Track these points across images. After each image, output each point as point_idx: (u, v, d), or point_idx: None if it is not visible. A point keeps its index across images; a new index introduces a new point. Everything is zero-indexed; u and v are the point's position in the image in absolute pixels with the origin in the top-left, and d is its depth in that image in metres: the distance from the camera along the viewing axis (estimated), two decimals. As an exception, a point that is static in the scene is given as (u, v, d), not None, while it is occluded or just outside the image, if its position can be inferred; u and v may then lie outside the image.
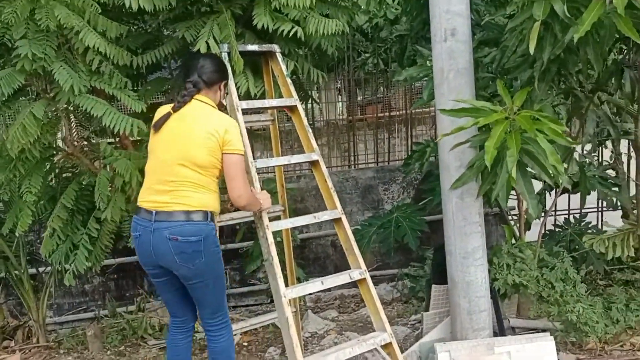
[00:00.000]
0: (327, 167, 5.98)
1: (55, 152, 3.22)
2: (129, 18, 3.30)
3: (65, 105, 2.88)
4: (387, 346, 2.72)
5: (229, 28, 3.01)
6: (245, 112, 2.94)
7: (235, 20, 3.13)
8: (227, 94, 2.77)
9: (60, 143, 3.31)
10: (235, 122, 2.53)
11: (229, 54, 2.93)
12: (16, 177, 3.04)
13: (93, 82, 2.83)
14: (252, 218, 2.99)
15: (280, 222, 2.92)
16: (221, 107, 2.72)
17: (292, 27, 3.02)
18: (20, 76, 2.72)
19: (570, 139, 2.49)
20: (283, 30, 3.04)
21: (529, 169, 2.78)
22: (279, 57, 3.00)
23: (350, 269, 2.99)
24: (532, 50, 2.40)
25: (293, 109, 3.02)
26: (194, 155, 2.38)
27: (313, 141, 2.95)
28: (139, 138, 3.18)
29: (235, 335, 4.07)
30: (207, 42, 2.93)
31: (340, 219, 2.88)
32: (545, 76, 2.84)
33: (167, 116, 2.47)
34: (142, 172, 3.05)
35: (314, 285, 2.78)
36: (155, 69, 3.54)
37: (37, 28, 2.64)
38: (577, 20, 2.25)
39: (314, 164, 2.98)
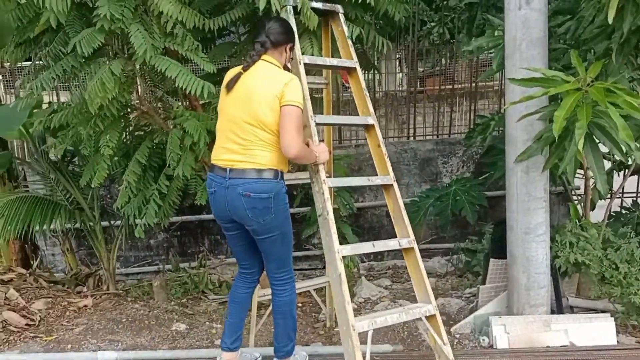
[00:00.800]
0: (384, 138, 6.04)
1: (130, 110, 3.38)
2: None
3: (141, 65, 2.99)
4: (430, 318, 2.71)
5: None
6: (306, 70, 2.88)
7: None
8: (292, 58, 2.75)
9: (135, 102, 3.46)
10: (296, 77, 2.54)
11: (295, 8, 2.87)
12: (95, 133, 3.21)
13: (167, 44, 2.92)
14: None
15: (338, 178, 2.92)
16: (286, 70, 2.71)
17: None
18: (100, 35, 2.82)
19: None
20: None
21: (600, 145, 2.70)
22: (342, 17, 2.96)
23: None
24: (610, 20, 2.30)
25: (352, 71, 2.98)
26: (260, 114, 2.42)
27: (370, 105, 2.93)
28: (208, 100, 3.27)
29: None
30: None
31: (391, 185, 2.86)
32: (623, 48, 2.72)
33: (238, 76, 2.52)
34: (210, 132, 3.16)
35: (366, 246, 2.78)
36: (223, 34, 3.62)
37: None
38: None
39: (368, 128, 2.95)
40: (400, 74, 7.53)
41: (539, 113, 2.77)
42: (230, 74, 2.58)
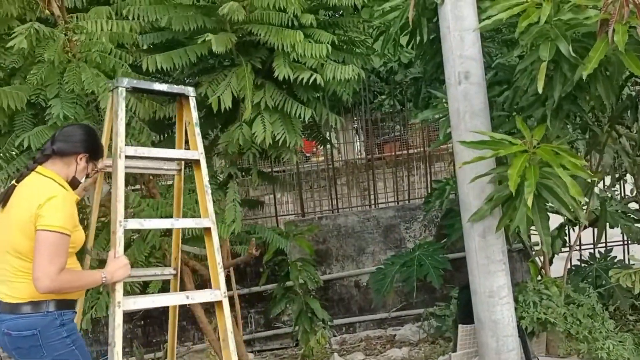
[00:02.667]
0: (347, 207, 6.13)
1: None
2: (156, 73, 3.45)
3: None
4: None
5: (246, 79, 3.14)
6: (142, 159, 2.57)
7: (256, 72, 3.26)
8: (95, 170, 2.51)
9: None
10: (58, 193, 2.19)
11: (125, 90, 2.45)
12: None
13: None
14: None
15: (138, 299, 2.43)
16: (76, 184, 2.43)
17: (311, 75, 3.13)
18: (50, 132, 2.79)
19: (590, 173, 2.51)
20: (302, 79, 3.15)
21: (549, 204, 2.80)
22: (192, 102, 2.66)
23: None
24: (540, 90, 2.46)
25: (195, 163, 2.66)
26: (13, 241, 2.16)
27: (210, 205, 2.61)
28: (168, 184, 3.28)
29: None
30: (219, 97, 3.05)
31: (221, 302, 2.52)
32: (558, 113, 2.90)
33: (10, 190, 2.26)
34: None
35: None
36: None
37: (69, 88, 2.76)
38: (584, 60, 2.32)
39: (206, 231, 2.62)
40: (358, 143, 7.75)
41: (489, 174, 2.87)
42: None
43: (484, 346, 3.13)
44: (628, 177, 4.19)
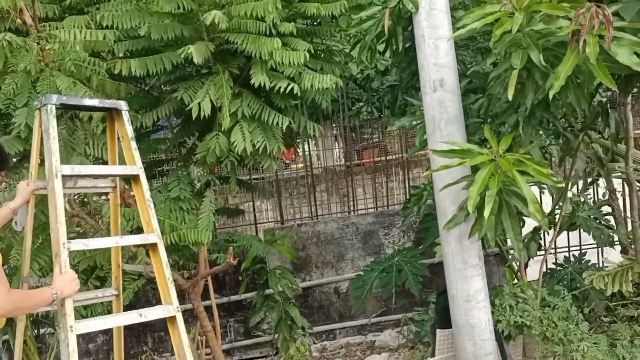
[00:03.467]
0: (327, 214, 6.15)
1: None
2: (132, 81, 3.43)
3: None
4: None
5: (224, 88, 3.13)
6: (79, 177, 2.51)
7: (234, 80, 3.26)
8: (3, 181, 2.42)
9: (66, 206, 3.38)
10: None
11: (54, 107, 2.37)
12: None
13: (95, 151, 2.91)
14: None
15: (90, 322, 2.30)
16: None
17: (289, 84, 3.14)
18: (20, 144, 2.78)
19: (555, 180, 2.56)
20: (280, 88, 3.16)
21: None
22: (125, 116, 2.57)
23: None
24: (510, 97, 2.50)
25: (134, 178, 2.59)
26: None
27: (154, 220, 2.53)
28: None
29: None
30: (199, 103, 3.04)
31: (174, 317, 2.46)
32: (530, 120, 2.95)
33: None
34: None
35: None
36: (158, 128, 3.67)
37: (37, 97, 2.71)
38: (555, 70, 2.37)
39: (151, 247, 2.56)
40: (337, 149, 7.78)
41: (458, 183, 2.91)
42: None
43: (462, 350, 3.16)
44: (601, 181, 4.28)
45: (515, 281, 3.71)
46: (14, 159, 2.84)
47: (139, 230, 3.20)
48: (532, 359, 3.55)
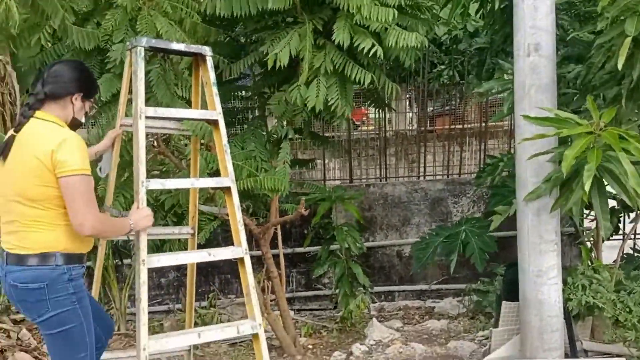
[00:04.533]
0: (394, 177, 6.10)
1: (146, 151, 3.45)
2: (222, 28, 3.46)
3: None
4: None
5: (307, 39, 3.12)
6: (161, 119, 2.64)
7: (320, 33, 3.24)
8: (92, 107, 2.44)
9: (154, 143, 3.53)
10: (71, 136, 2.11)
11: (149, 50, 2.51)
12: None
13: (183, 92, 2.99)
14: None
15: (162, 257, 2.41)
16: (77, 124, 2.32)
17: (373, 46, 3.06)
18: (119, 81, 2.85)
19: None
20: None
21: (609, 189, 2.71)
22: (209, 62, 2.60)
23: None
24: (620, 67, 2.36)
25: (214, 123, 2.64)
26: (23, 188, 2.06)
27: (229, 165, 2.59)
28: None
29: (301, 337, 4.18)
30: (276, 54, 3.04)
31: (242, 259, 2.53)
32: (633, 94, 2.77)
33: (11, 140, 2.15)
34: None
35: (186, 338, 2.43)
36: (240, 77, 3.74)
37: (135, 35, 2.81)
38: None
39: (225, 190, 2.62)
40: (410, 114, 7.64)
41: (549, 154, 2.80)
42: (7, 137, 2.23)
43: (527, 325, 3.11)
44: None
45: (590, 262, 3.56)
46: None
47: (217, 173, 3.31)
48: (601, 342, 3.44)
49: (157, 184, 2.46)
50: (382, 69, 3.75)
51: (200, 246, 3.18)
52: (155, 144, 3.28)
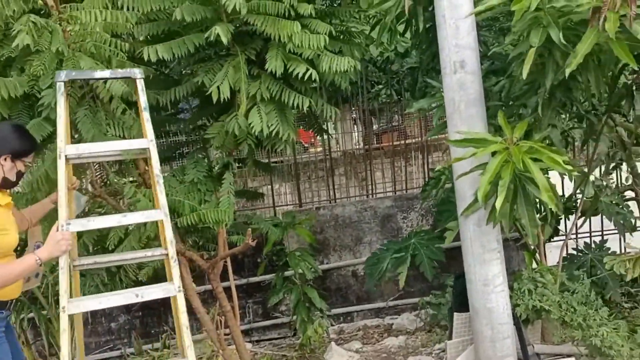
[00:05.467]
0: (345, 197, 6.15)
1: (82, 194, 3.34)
2: (151, 64, 3.44)
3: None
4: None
5: (242, 70, 3.13)
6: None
7: (253, 62, 3.26)
8: (28, 165, 2.48)
9: (88, 187, 3.43)
10: None
11: (63, 84, 2.50)
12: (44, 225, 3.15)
13: (116, 130, 2.93)
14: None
15: (82, 301, 2.38)
16: (10, 183, 2.44)
17: (307, 70, 3.10)
18: (48, 124, 2.81)
19: (571, 168, 2.50)
20: (298, 73, 3.14)
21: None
22: (139, 84, 2.55)
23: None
24: (525, 76, 2.45)
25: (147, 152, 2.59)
26: None
27: (162, 196, 2.52)
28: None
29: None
30: (218, 87, 3.05)
31: (175, 297, 2.47)
32: (550, 102, 2.90)
33: None
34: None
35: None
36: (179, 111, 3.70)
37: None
38: (573, 51, 2.31)
39: (160, 223, 2.59)
40: (356, 133, 7.75)
41: (472, 171, 2.87)
42: None
43: (479, 334, 3.16)
44: (624, 165, 4.20)
45: (535, 266, 3.68)
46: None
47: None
48: (551, 344, 3.53)
49: (78, 225, 2.39)
50: (321, 93, 3.80)
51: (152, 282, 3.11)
52: (91, 187, 3.19)
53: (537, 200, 2.86)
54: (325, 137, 6.04)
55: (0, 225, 2.25)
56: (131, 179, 3.46)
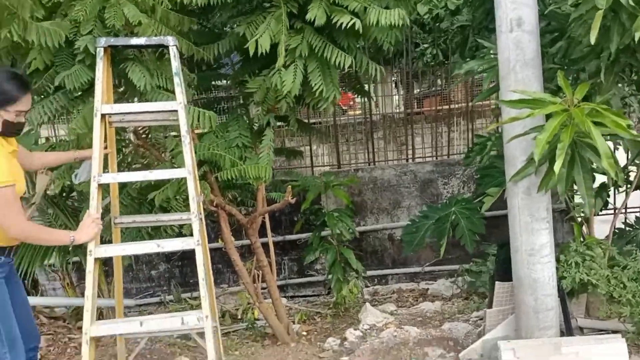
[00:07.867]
0: (383, 161, 6.04)
1: (125, 145, 3.36)
2: (195, 17, 3.37)
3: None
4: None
5: (282, 23, 3.03)
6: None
7: (296, 16, 3.14)
8: (19, 113, 2.38)
9: (131, 137, 3.44)
10: None
11: (102, 49, 2.57)
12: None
13: (160, 81, 2.90)
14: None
15: (108, 247, 2.57)
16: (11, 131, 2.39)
17: (351, 19, 2.98)
18: (90, 71, 2.75)
19: (635, 133, 2.34)
20: (342, 24, 3.01)
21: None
22: (172, 51, 2.63)
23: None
24: (593, 41, 2.29)
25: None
26: None
27: (187, 156, 2.60)
28: (205, 131, 3.26)
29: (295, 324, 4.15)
30: (257, 40, 2.96)
31: (194, 250, 2.54)
32: (613, 67, 2.71)
33: None
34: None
35: (128, 326, 2.50)
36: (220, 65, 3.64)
37: (104, 26, 2.70)
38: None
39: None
40: (397, 96, 7.56)
41: (527, 134, 2.74)
42: None
43: (522, 304, 3.08)
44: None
45: (582, 239, 3.53)
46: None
47: (201, 163, 3.25)
48: (596, 318, 3.42)
49: (109, 177, 2.64)
50: (364, 52, 3.66)
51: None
52: (133, 137, 3.19)
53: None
54: (365, 99, 5.92)
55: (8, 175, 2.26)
56: (174, 133, 3.46)
